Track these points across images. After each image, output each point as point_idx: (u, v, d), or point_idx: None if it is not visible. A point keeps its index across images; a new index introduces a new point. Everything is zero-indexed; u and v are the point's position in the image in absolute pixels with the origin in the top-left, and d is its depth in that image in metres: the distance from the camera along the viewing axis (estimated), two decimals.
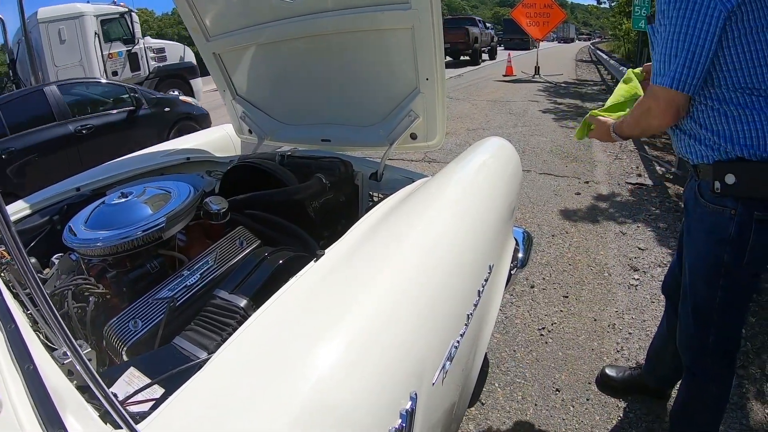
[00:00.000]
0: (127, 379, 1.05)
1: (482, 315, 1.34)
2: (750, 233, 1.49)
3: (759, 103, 1.40)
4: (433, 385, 0.95)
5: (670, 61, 1.38)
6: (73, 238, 1.48)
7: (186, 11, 2.41)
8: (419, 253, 1.18)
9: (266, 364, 0.82)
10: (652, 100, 1.49)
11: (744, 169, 1.44)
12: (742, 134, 1.42)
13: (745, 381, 2.38)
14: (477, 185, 1.71)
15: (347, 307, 0.95)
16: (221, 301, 1.26)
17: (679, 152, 1.67)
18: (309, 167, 2.21)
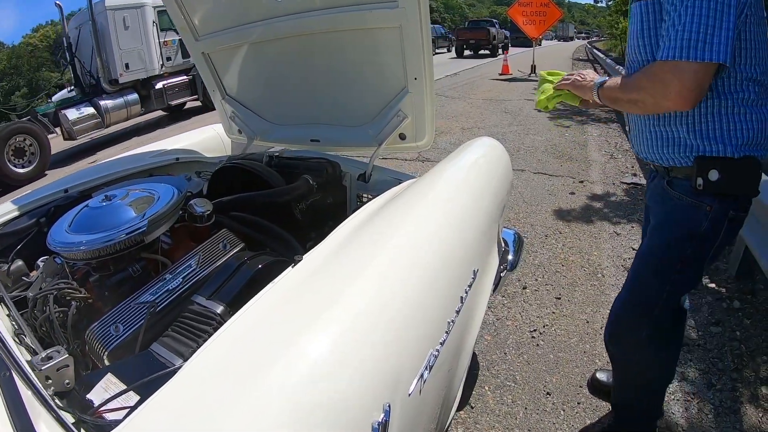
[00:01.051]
0: (104, 385, 1.05)
1: (465, 322, 1.32)
2: (721, 230, 1.49)
3: (759, 97, 1.40)
4: (409, 395, 0.93)
5: (713, 32, 1.24)
6: (57, 241, 1.47)
7: (174, 10, 2.39)
8: (398, 259, 1.15)
9: (235, 374, 0.81)
10: (674, 75, 1.30)
11: (729, 165, 1.42)
12: (735, 133, 1.41)
13: (738, 384, 2.37)
14: (464, 188, 1.68)
15: (320, 318, 0.93)
16: (198, 307, 1.25)
17: (647, 157, 1.63)
18: (297, 168, 2.19)
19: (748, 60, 1.36)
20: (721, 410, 2.23)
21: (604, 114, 9.23)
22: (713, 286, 3.23)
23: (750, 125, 1.40)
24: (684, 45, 1.27)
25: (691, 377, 2.44)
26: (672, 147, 1.51)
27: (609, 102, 1.58)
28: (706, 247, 1.53)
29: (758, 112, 1.41)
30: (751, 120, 1.40)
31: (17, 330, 1.34)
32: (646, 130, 1.59)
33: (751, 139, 1.41)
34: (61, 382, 1.05)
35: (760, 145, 1.44)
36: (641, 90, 1.41)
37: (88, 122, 9.73)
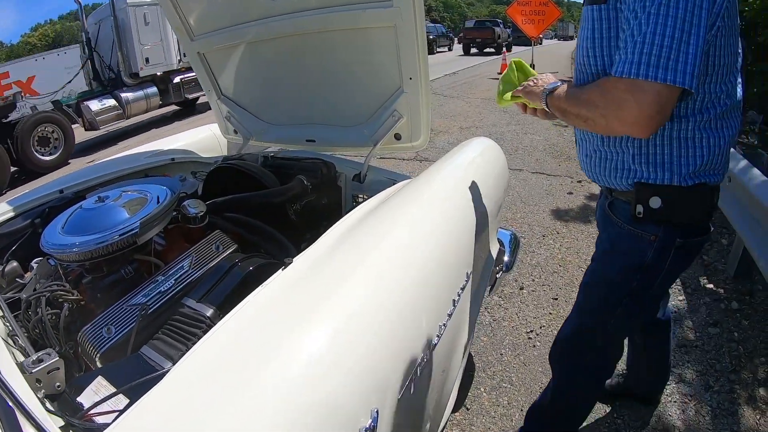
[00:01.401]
0: (95, 388, 1.04)
1: (458, 324, 1.32)
2: (668, 260, 1.37)
3: (719, 118, 1.24)
4: (399, 398, 0.93)
5: (679, 47, 1.04)
6: (50, 243, 1.47)
7: (170, 10, 2.38)
8: (390, 262, 1.15)
9: (222, 378, 0.80)
10: (632, 95, 1.08)
11: (674, 193, 1.28)
12: (686, 160, 1.26)
13: (736, 386, 2.36)
14: (459, 188, 1.67)
15: (308, 322, 0.92)
16: (188, 310, 1.25)
17: (589, 176, 1.50)
18: (292, 169, 2.19)
19: (715, 77, 1.20)
20: (719, 412, 2.22)
21: None
22: (711, 286, 3.22)
23: (704, 151, 1.25)
24: (644, 60, 1.06)
25: (689, 379, 2.43)
26: (611, 169, 1.38)
27: (558, 113, 1.35)
28: (653, 279, 1.41)
29: (716, 136, 1.25)
30: (708, 145, 1.25)
31: (10, 332, 1.34)
32: (589, 147, 1.44)
33: (703, 165, 1.26)
34: (52, 384, 1.04)
35: (714, 170, 1.29)
36: (592, 107, 1.19)
37: (109, 113, 10.24)
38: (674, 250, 1.35)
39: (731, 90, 1.24)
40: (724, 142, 1.26)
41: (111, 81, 10.58)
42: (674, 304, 3.06)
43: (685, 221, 1.32)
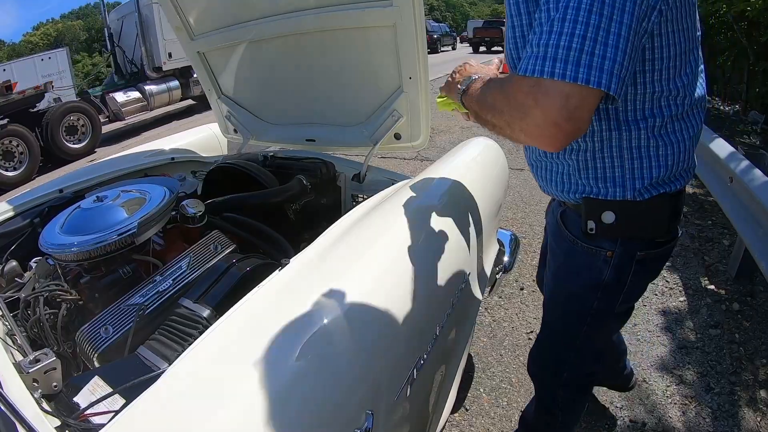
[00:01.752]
0: (91, 388, 1.04)
1: (457, 325, 1.31)
2: (628, 276, 1.22)
3: (675, 120, 1.08)
4: (395, 401, 0.92)
5: (594, 37, 0.81)
6: (49, 242, 1.46)
7: (170, 9, 2.38)
8: (387, 263, 1.15)
9: (217, 379, 0.81)
10: (533, 99, 0.85)
11: (628, 208, 1.14)
12: (640, 172, 1.10)
13: (737, 388, 2.35)
14: (458, 189, 1.67)
15: (303, 323, 0.92)
16: (185, 310, 1.25)
17: (539, 184, 1.37)
18: (291, 168, 2.18)
19: (666, 73, 1.02)
20: (719, 414, 2.21)
21: None
22: (712, 288, 3.21)
23: (661, 161, 1.09)
24: (550, 54, 0.83)
25: (689, 380, 2.42)
26: (557, 182, 1.23)
27: (473, 118, 1.16)
28: (614, 297, 1.27)
29: (674, 140, 1.08)
30: (665, 153, 1.09)
31: (8, 331, 1.34)
32: (532, 155, 1.32)
33: (660, 177, 1.11)
34: (49, 384, 1.04)
35: (675, 177, 1.14)
36: (498, 113, 0.98)
37: (134, 105, 10.97)
38: (635, 265, 1.21)
39: (689, 84, 1.05)
40: (684, 147, 1.10)
41: (134, 75, 11.19)
42: (675, 305, 3.05)
43: (645, 236, 1.18)
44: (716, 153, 3.78)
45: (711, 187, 3.88)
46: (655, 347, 2.67)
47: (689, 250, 3.72)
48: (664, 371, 2.49)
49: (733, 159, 3.54)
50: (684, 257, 3.63)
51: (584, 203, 1.17)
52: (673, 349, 2.65)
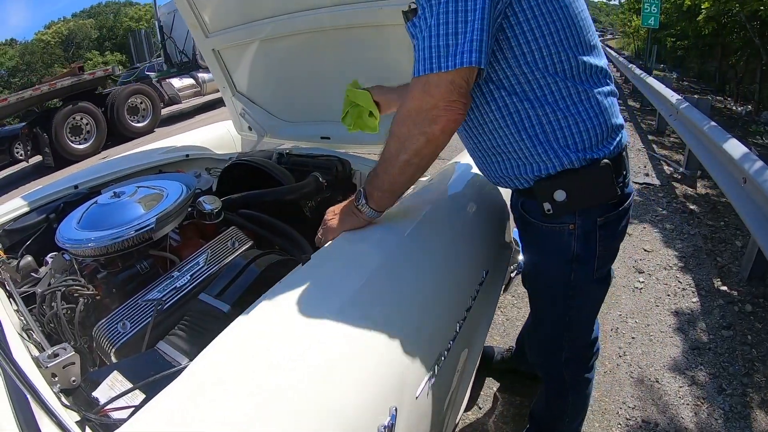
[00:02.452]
0: (110, 383, 1.04)
1: (475, 322, 1.31)
2: (595, 243, 1.30)
3: (567, 89, 1.16)
4: (416, 397, 0.93)
5: (455, 38, 1.00)
6: (65, 237, 1.46)
7: (184, 7, 2.40)
8: (407, 261, 1.15)
9: (239, 375, 0.81)
10: (423, 97, 1.06)
11: (573, 181, 1.22)
12: (563, 137, 1.19)
13: (749, 389, 2.34)
14: (476, 186, 1.67)
15: (327, 319, 0.92)
16: (205, 305, 1.24)
17: (487, 177, 1.43)
18: (306, 166, 2.18)
19: (545, 49, 1.12)
20: (731, 415, 2.20)
21: None
22: (725, 289, 3.19)
23: (573, 129, 1.19)
24: (425, 59, 1.04)
25: (701, 381, 2.41)
26: (510, 178, 1.32)
27: (388, 195, 1.24)
28: (589, 266, 1.34)
29: (575, 111, 1.18)
30: (575, 122, 1.18)
31: (25, 326, 1.34)
32: (477, 157, 1.40)
33: (585, 143, 1.20)
34: (67, 379, 1.04)
35: (600, 142, 1.22)
36: (407, 143, 1.11)
37: (189, 90, 12.77)
38: (599, 230, 1.29)
39: (573, 58, 1.15)
40: (591, 114, 1.19)
41: (184, 64, 12.65)
42: (687, 306, 3.03)
43: (597, 203, 1.26)
44: (730, 153, 3.76)
45: (724, 187, 3.86)
46: (668, 348, 2.66)
47: (702, 252, 3.70)
48: (677, 372, 2.48)
49: (746, 160, 3.52)
50: (697, 258, 3.61)
51: (536, 188, 1.26)
52: (686, 349, 2.64)
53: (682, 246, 3.81)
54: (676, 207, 4.57)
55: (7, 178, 9.89)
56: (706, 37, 11.44)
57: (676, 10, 13.13)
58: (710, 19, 9.67)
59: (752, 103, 10.10)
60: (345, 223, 1.30)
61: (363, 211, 1.25)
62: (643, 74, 9.49)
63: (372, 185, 1.23)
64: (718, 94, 11.96)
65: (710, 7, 9.15)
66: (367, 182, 1.25)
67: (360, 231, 1.28)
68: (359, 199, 1.26)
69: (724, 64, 12.36)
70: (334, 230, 1.30)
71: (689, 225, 4.16)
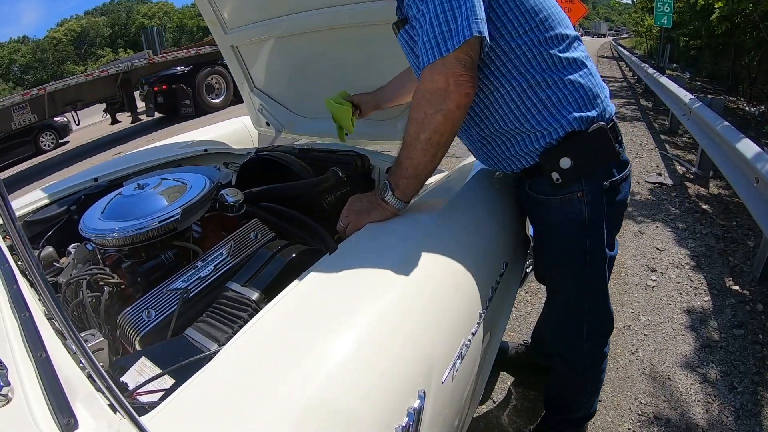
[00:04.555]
0: (138, 368, 1.05)
1: (495, 313, 1.33)
2: (603, 207, 1.39)
3: (551, 57, 1.28)
4: (442, 383, 0.95)
5: (454, 22, 1.12)
6: (90, 228, 1.48)
7: (204, 4, 2.42)
8: (433, 250, 1.17)
9: (274, 360, 0.82)
10: (434, 78, 1.16)
11: (576, 145, 1.32)
12: (558, 100, 1.30)
13: (760, 388, 2.35)
14: (492, 181, 1.69)
15: (357, 304, 0.95)
16: (233, 293, 1.25)
17: (494, 167, 1.53)
18: (326, 161, 2.20)
19: (525, 25, 1.25)
20: (742, 413, 2.21)
21: (629, 112, 9.14)
22: (737, 288, 3.19)
23: (569, 97, 1.30)
24: (434, 42, 1.14)
25: (713, 379, 2.42)
26: (517, 157, 1.41)
27: (413, 181, 1.30)
28: (599, 230, 1.42)
29: (563, 74, 1.29)
30: (565, 85, 1.30)
31: (47, 314, 1.37)
32: (482, 150, 1.49)
33: (578, 102, 1.31)
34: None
35: (593, 100, 1.33)
36: (427, 122, 1.20)
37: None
38: (605, 195, 1.38)
39: (553, 27, 1.29)
40: (578, 74, 1.31)
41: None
42: (699, 304, 3.04)
43: (601, 165, 1.36)
44: (742, 153, 3.76)
45: (737, 187, 3.86)
46: (680, 345, 2.68)
47: (714, 251, 3.70)
48: (688, 369, 2.50)
49: (759, 159, 3.51)
50: (709, 258, 3.61)
51: (542, 160, 1.36)
52: (698, 347, 2.65)
53: (694, 245, 3.81)
54: (689, 207, 4.57)
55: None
56: (720, 36, 11.35)
57: (689, 9, 13.04)
58: (723, 18, 9.59)
59: (765, 104, 10.02)
60: (371, 216, 1.34)
61: (389, 202, 1.31)
62: (656, 73, 9.46)
63: (396, 175, 1.30)
64: (731, 95, 11.87)
65: (723, 6, 9.08)
66: (391, 174, 1.32)
67: (384, 222, 1.31)
68: (385, 191, 1.31)
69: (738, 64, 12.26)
70: (360, 221, 1.35)
71: (701, 225, 4.16)
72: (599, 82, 1.37)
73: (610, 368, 2.47)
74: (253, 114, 2.87)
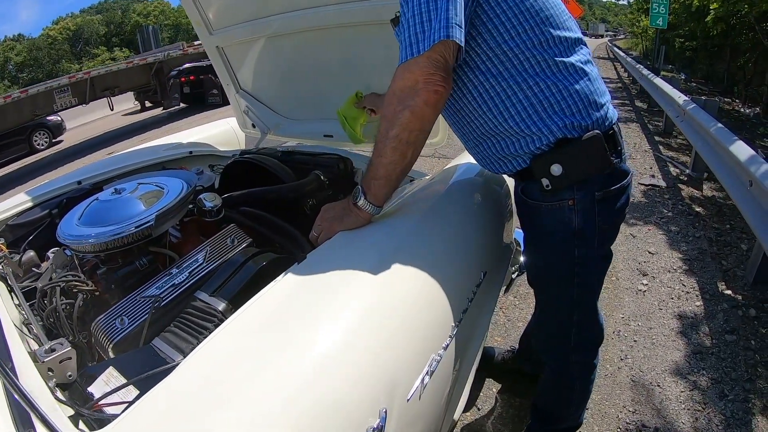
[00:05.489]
0: (106, 378, 1.04)
1: (472, 325, 1.30)
2: (595, 217, 1.35)
3: (546, 61, 1.24)
4: (408, 401, 0.92)
5: (429, 24, 1.10)
6: (66, 233, 1.47)
7: (189, 4, 2.39)
8: (404, 260, 1.14)
9: (229, 374, 0.81)
10: (404, 76, 1.14)
11: (567, 152, 1.28)
12: (549, 105, 1.25)
13: (751, 395, 2.32)
14: (476, 187, 1.66)
15: (316, 320, 0.92)
16: (201, 303, 1.23)
17: (489, 167, 1.48)
18: (308, 164, 2.18)
19: (518, 27, 1.21)
20: (732, 421, 2.18)
21: (624, 114, 9.15)
22: (729, 293, 3.17)
23: (560, 101, 1.25)
24: (411, 41, 1.13)
25: (703, 386, 2.39)
26: (508, 158, 1.37)
27: (384, 183, 1.25)
28: (590, 240, 1.38)
29: (556, 79, 1.25)
30: (560, 91, 1.25)
31: (25, 320, 1.35)
32: (474, 145, 1.45)
33: (571, 108, 1.26)
34: (64, 373, 1.05)
35: (588, 108, 1.28)
36: (393, 117, 1.17)
37: None
38: (597, 205, 1.34)
39: (552, 28, 1.24)
40: (573, 79, 1.26)
41: None
42: (691, 309, 3.02)
43: (592, 173, 1.31)
44: (736, 156, 3.74)
45: (730, 190, 3.84)
46: (670, 351, 2.65)
47: (707, 254, 3.68)
48: (678, 376, 2.47)
49: (753, 162, 3.49)
50: (701, 261, 3.59)
51: (533, 165, 1.32)
52: (688, 354, 2.62)
53: (687, 248, 3.79)
54: (682, 209, 4.55)
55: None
56: (715, 38, 11.38)
57: (684, 10, 13.07)
58: (719, 19, 9.61)
59: (761, 105, 10.03)
60: (343, 222, 1.31)
61: (361, 206, 1.27)
62: (651, 75, 9.46)
63: (368, 177, 1.26)
64: (727, 96, 11.89)
65: (719, 7, 9.09)
66: (363, 177, 1.29)
67: (357, 231, 1.27)
68: (357, 196, 1.28)
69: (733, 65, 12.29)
70: (332, 229, 1.31)
71: (694, 227, 4.14)
72: (599, 88, 1.32)
73: (599, 375, 2.43)
74: (239, 116, 2.84)
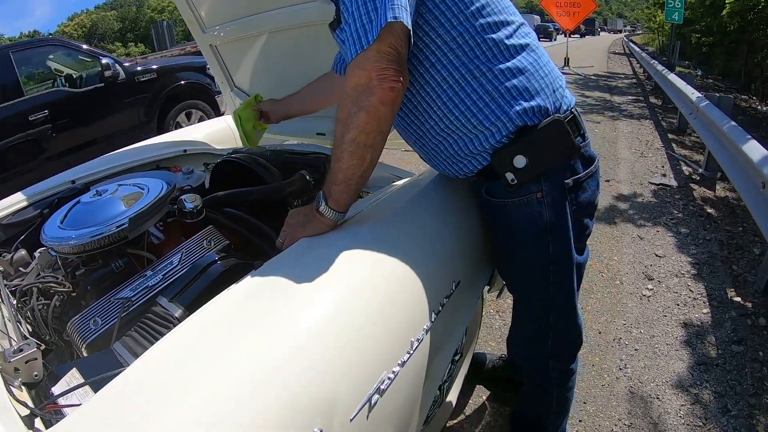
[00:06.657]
0: (68, 379, 1.07)
1: (441, 338, 1.25)
2: (567, 208, 1.29)
3: (497, 46, 1.20)
4: (351, 420, 0.88)
5: (375, 13, 1.04)
6: (48, 235, 1.49)
7: (181, 3, 2.39)
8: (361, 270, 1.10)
9: (170, 380, 0.81)
10: (356, 73, 1.07)
11: (530, 141, 1.23)
12: (506, 90, 1.21)
13: (756, 411, 2.22)
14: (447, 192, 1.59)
15: (261, 328, 0.90)
16: (160, 309, 1.25)
17: (447, 171, 1.43)
18: (296, 163, 2.15)
19: (465, 11, 1.18)
20: None
21: (637, 110, 9.02)
22: (739, 300, 3.07)
23: (514, 82, 1.21)
24: (351, 45, 1.07)
25: (705, 400, 2.30)
26: (467, 158, 1.33)
27: (344, 188, 1.19)
28: (564, 235, 1.32)
29: (510, 63, 1.21)
30: (513, 75, 1.21)
31: (7, 318, 1.39)
32: (431, 153, 1.41)
33: (528, 91, 1.23)
34: (30, 373, 1.07)
35: (546, 89, 1.25)
36: (347, 120, 1.11)
37: None
38: (569, 195, 1.29)
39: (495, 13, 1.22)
40: (526, 62, 1.24)
41: None
42: (697, 317, 2.93)
43: (559, 160, 1.27)
44: (749, 156, 3.64)
45: (742, 192, 3.74)
46: (672, 362, 2.55)
47: (717, 258, 3.58)
48: (680, 389, 2.37)
49: (766, 163, 3.39)
50: (711, 266, 3.49)
51: (495, 160, 1.27)
52: (692, 365, 2.53)
53: (696, 252, 3.70)
54: (693, 210, 4.45)
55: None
56: (732, 33, 11.19)
57: (700, 4, 12.86)
58: (735, 14, 9.44)
59: None
60: (306, 229, 1.26)
61: (323, 212, 1.22)
62: (665, 70, 9.30)
63: (328, 183, 1.21)
64: (744, 93, 11.67)
65: (734, 2, 8.92)
66: (324, 183, 1.24)
67: (319, 237, 1.23)
68: (319, 201, 1.23)
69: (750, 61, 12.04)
70: (295, 235, 1.27)
71: (705, 230, 4.04)
72: (552, 71, 1.29)
73: (595, 385, 2.37)
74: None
